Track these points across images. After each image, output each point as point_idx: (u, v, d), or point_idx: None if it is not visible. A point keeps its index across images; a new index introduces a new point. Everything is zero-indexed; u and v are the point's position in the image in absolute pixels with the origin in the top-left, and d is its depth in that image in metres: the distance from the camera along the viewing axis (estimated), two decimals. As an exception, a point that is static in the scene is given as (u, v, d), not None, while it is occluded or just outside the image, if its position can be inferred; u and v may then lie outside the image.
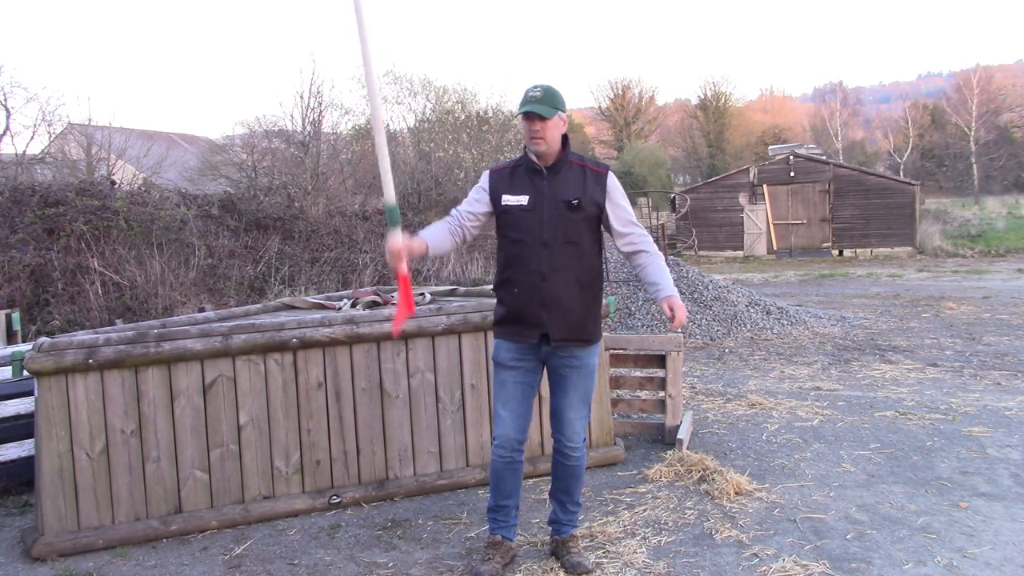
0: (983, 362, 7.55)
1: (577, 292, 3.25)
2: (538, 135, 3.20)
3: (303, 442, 4.16)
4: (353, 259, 12.62)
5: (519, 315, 3.26)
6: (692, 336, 9.16)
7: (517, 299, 3.26)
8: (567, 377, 3.31)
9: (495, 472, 3.39)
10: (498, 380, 3.36)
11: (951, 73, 68.68)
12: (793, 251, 24.09)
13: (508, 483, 3.38)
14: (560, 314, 3.22)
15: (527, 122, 3.22)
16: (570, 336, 3.25)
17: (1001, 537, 3.57)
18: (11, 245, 9.25)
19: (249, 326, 4.11)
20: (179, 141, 27.60)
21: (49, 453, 3.72)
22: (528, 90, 3.25)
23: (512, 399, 3.31)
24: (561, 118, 3.24)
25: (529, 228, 3.23)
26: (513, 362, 3.31)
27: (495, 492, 3.41)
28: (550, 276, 3.20)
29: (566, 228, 3.23)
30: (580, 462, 3.39)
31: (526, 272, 3.22)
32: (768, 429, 5.43)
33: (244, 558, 3.63)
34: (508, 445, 3.31)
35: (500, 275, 3.36)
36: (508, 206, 3.27)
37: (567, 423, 3.34)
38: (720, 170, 39.63)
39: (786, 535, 3.65)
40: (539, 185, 3.26)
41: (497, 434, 3.34)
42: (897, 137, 50.30)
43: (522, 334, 3.27)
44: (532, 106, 3.18)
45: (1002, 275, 16.18)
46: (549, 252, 3.20)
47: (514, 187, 3.29)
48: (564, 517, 3.47)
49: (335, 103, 25.66)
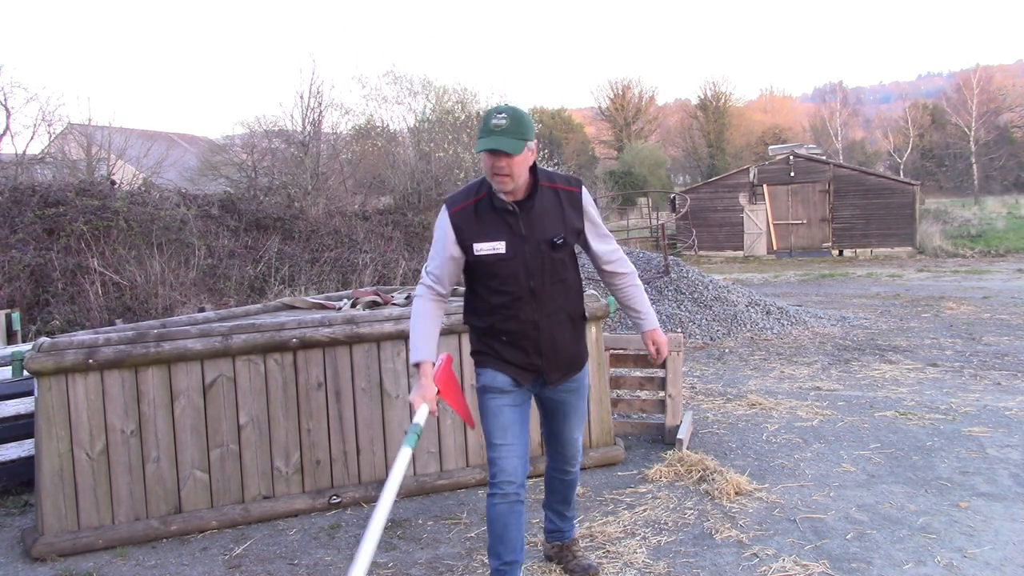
0: (983, 362, 7.55)
1: (570, 328, 2.97)
2: (503, 172, 2.71)
3: (303, 442, 4.16)
4: (353, 259, 12.62)
5: (510, 361, 2.91)
6: (692, 336, 9.16)
7: (508, 348, 2.90)
8: (566, 403, 3.07)
9: (498, 520, 2.86)
10: (490, 408, 2.90)
11: (951, 73, 68.80)
12: (793, 251, 24.09)
13: (514, 532, 2.87)
14: (556, 357, 2.93)
15: (491, 158, 2.71)
16: (567, 373, 3.00)
17: (1001, 537, 3.57)
18: (11, 245, 9.25)
19: (249, 326, 4.11)
20: (179, 141, 27.60)
21: (49, 453, 3.72)
22: (489, 116, 2.73)
23: (513, 424, 2.88)
24: (530, 149, 2.76)
25: (512, 277, 2.82)
26: (509, 386, 2.91)
27: (500, 546, 2.88)
28: (543, 323, 2.87)
29: (552, 269, 2.87)
30: (577, 475, 3.26)
31: (516, 323, 2.86)
32: (768, 429, 5.43)
33: (244, 558, 3.63)
34: (514, 480, 2.84)
35: (480, 318, 2.95)
36: (482, 256, 2.81)
37: (570, 443, 3.13)
38: (720, 170, 39.64)
39: (786, 535, 3.65)
40: (514, 226, 2.82)
41: (498, 470, 2.84)
42: (897, 137, 50.28)
43: (517, 376, 2.92)
44: (496, 140, 2.67)
45: (1002, 275, 16.18)
46: (538, 299, 2.85)
47: (485, 231, 2.81)
48: (564, 525, 3.35)
49: (335, 103, 25.63)
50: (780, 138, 45.60)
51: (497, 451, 2.86)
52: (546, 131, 41.06)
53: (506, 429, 2.87)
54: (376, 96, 22.23)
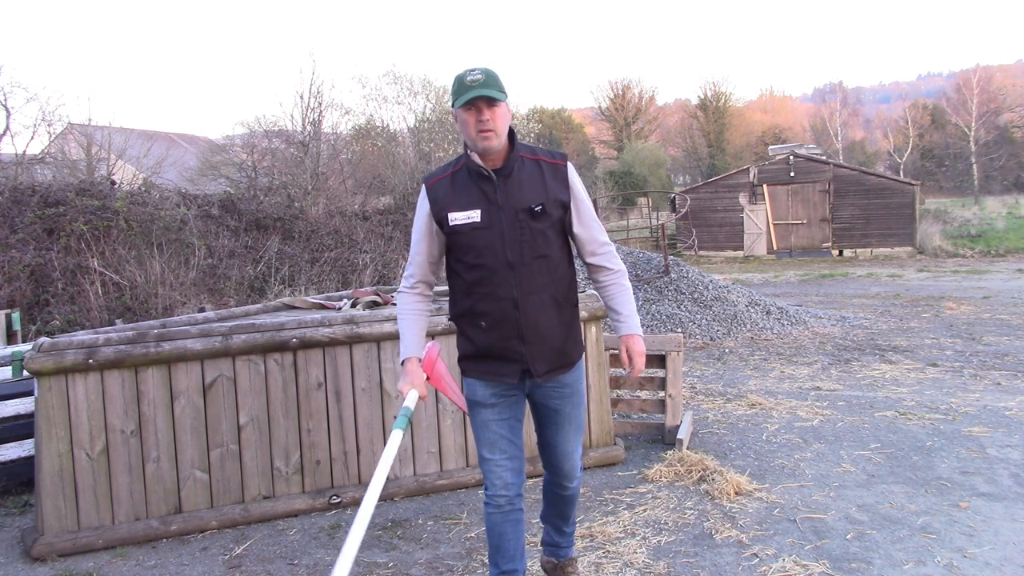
0: (983, 362, 7.55)
1: (555, 314, 2.77)
2: (487, 127, 2.62)
3: (303, 442, 4.16)
4: (353, 259, 12.62)
5: (491, 351, 2.75)
6: (692, 336, 9.16)
7: (488, 334, 2.74)
8: (558, 410, 2.87)
9: (494, 530, 2.82)
10: (478, 422, 2.82)
11: (951, 73, 68.85)
12: (793, 251, 24.09)
13: (511, 541, 2.82)
14: (541, 344, 2.74)
15: (473, 113, 2.62)
16: (555, 366, 2.79)
17: (1001, 537, 3.57)
18: (11, 245, 9.25)
19: (249, 326, 4.11)
20: (179, 141, 27.60)
21: (49, 453, 3.72)
22: (463, 75, 2.63)
23: (501, 439, 2.79)
24: (507, 106, 2.71)
25: (488, 249, 2.69)
26: (493, 399, 2.80)
27: (498, 555, 2.84)
28: (523, 302, 2.69)
29: (532, 241, 2.70)
30: (577, 490, 3.04)
31: (494, 301, 2.70)
32: (768, 429, 5.43)
33: (244, 558, 3.63)
34: (508, 491, 2.80)
35: (458, 305, 2.83)
36: (457, 226, 2.71)
37: (565, 456, 2.93)
38: (720, 170, 39.62)
39: (786, 535, 3.65)
40: (490, 194, 2.70)
41: (491, 482, 2.80)
42: (897, 137, 50.29)
43: (497, 373, 2.76)
44: (479, 90, 2.58)
45: (1002, 275, 16.18)
46: (517, 274, 2.68)
47: (460, 200, 2.72)
48: (561, 540, 3.17)
49: (335, 103, 25.66)
50: (780, 138, 45.60)
51: (486, 465, 2.81)
52: (546, 131, 41.07)
53: (493, 444, 2.79)
54: (376, 96, 22.26)
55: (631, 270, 10.88)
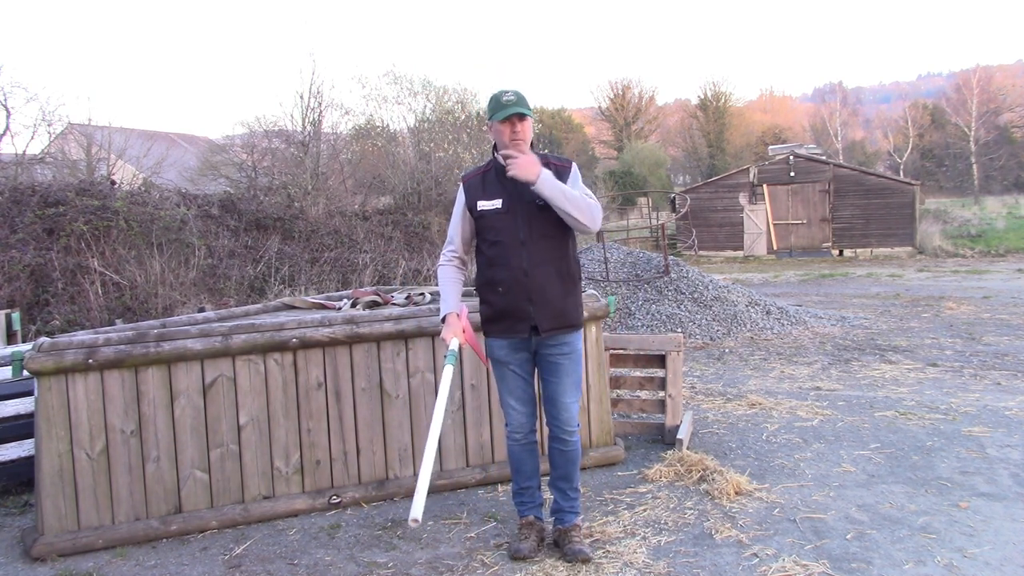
0: (983, 362, 7.55)
1: (559, 283, 3.42)
2: (519, 137, 3.36)
3: (303, 442, 4.16)
4: (353, 259, 12.62)
5: (507, 312, 3.42)
6: (692, 336, 9.16)
7: (504, 297, 3.41)
8: (559, 364, 3.47)
9: (514, 456, 3.61)
10: (499, 375, 3.56)
11: (951, 73, 68.81)
12: (793, 251, 24.09)
13: (527, 464, 3.60)
14: (546, 306, 3.39)
15: (508, 125, 3.36)
16: (557, 324, 3.42)
17: (1001, 537, 3.57)
18: (11, 245, 9.25)
19: (249, 326, 4.11)
20: (179, 141, 27.60)
21: (49, 453, 3.72)
22: (500, 96, 3.39)
23: (517, 387, 3.53)
24: (531, 120, 3.44)
25: (506, 229, 3.40)
26: (508, 357, 3.50)
27: (517, 475, 3.62)
28: (532, 271, 3.37)
29: (541, 225, 3.39)
30: (577, 446, 3.54)
31: (509, 270, 3.39)
32: (768, 429, 5.43)
33: (244, 558, 3.63)
34: (522, 428, 3.55)
35: (482, 276, 3.52)
36: (484, 211, 3.44)
37: (564, 407, 3.48)
38: (720, 170, 39.61)
39: (786, 535, 3.65)
40: (511, 189, 3.41)
41: (510, 421, 3.56)
42: (897, 137, 50.28)
43: (512, 329, 3.43)
44: (515, 108, 3.33)
45: (1002, 275, 16.18)
46: (528, 249, 3.37)
47: (487, 192, 3.46)
48: (566, 504, 3.57)
49: (335, 103, 25.61)
50: (780, 138, 45.56)
51: (507, 408, 3.56)
52: (546, 131, 40.99)
53: (511, 392, 3.53)
54: (376, 96, 22.21)
55: (631, 270, 10.88)
